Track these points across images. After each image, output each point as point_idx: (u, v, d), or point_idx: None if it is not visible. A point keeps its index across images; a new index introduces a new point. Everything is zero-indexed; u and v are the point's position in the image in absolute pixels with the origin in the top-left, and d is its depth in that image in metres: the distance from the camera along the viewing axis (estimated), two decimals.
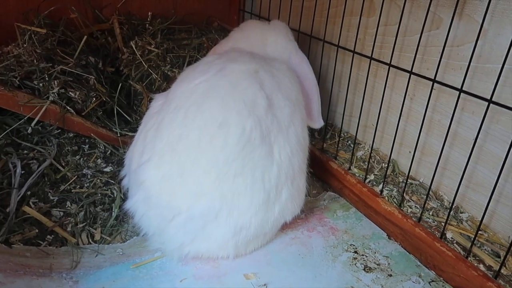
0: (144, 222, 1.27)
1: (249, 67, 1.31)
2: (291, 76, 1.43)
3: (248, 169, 1.18)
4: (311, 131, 1.96)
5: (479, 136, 1.20)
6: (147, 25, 2.08)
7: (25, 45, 1.63)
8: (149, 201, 1.22)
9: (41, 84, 1.56)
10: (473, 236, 1.26)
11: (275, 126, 1.25)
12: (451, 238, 1.34)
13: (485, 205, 1.19)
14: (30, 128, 1.54)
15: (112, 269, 1.22)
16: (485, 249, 1.30)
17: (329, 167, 1.70)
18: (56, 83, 1.57)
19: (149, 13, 2.12)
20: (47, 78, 1.57)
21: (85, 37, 1.78)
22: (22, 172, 1.41)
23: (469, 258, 1.25)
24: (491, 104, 1.14)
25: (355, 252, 1.37)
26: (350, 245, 1.40)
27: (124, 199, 1.42)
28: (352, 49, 1.60)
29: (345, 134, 1.94)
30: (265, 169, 1.21)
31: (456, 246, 1.31)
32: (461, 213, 1.44)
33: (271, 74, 1.33)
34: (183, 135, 1.19)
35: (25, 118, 1.53)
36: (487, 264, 1.24)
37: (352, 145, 1.83)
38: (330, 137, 1.92)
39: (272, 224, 1.29)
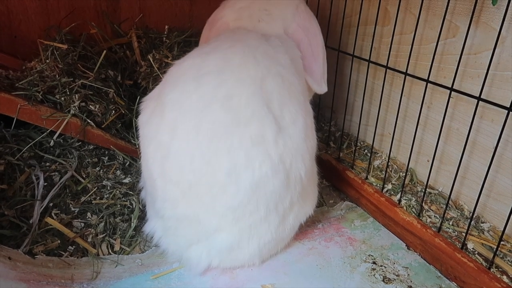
0: (162, 244, 1.30)
1: (255, 75, 1.18)
2: (297, 61, 1.35)
3: (262, 205, 1.17)
4: (327, 139, 1.96)
5: (499, 145, 1.18)
6: (164, 38, 2.12)
7: (47, 61, 1.68)
8: (167, 230, 1.25)
9: (62, 98, 1.61)
10: (495, 247, 1.23)
11: (289, 148, 1.18)
12: (473, 248, 1.31)
13: (507, 214, 1.17)
14: (52, 141, 1.59)
15: (131, 279, 1.24)
16: (508, 260, 1.27)
17: (345, 176, 1.70)
18: (77, 97, 1.61)
19: (166, 27, 2.16)
20: (68, 92, 1.61)
21: (105, 51, 1.82)
22: (45, 184, 1.45)
23: (491, 269, 1.23)
24: (511, 112, 1.13)
25: (374, 262, 1.36)
26: (369, 255, 1.39)
27: (143, 209, 1.45)
28: (368, 58, 1.60)
29: (362, 143, 1.93)
30: (279, 200, 1.19)
31: (478, 257, 1.29)
32: (482, 223, 1.41)
33: (281, 78, 1.22)
34: (192, 183, 1.15)
35: (47, 132, 1.58)
36: (511, 276, 1.21)
37: (368, 154, 1.82)
38: (346, 146, 1.92)
39: (290, 231, 1.32)
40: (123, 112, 1.74)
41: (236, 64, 1.20)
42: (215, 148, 1.13)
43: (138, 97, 1.85)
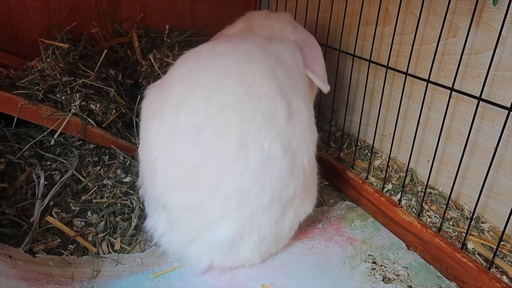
0: (164, 242, 1.28)
1: (267, 62, 1.22)
2: (298, 61, 1.39)
3: (267, 190, 1.15)
4: (327, 139, 1.96)
5: (499, 145, 1.18)
6: (165, 37, 2.12)
7: (48, 60, 1.68)
8: (170, 223, 1.23)
9: (63, 97, 1.61)
10: (495, 247, 1.23)
11: (296, 132, 1.20)
12: (473, 248, 1.31)
13: (507, 214, 1.17)
14: (53, 140, 1.59)
15: (131, 278, 1.24)
16: (508, 260, 1.27)
17: (346, 176, 1.70)
18: (77, 96, 1.61)
19: (167, 26, 2.17)
20: (69, 91, 1.62)
21: (105, 50, 1.82)
22: (45, 183, 1.45)
23: (491, 270, 1.23)
24: (511, 112, 1.13)
25: (374, 262, 1.36)
26: (369, 255, 1.39)
27: (143, 209, 1.45)
28: (368, 58, 1.61)
29: (362, 143, 1.93)
30: (283, 187, 1.19)
31: (478, 257, 1.29)
32: (482, 223, 1.41)
33: (288, 74, 1.26)
34: (198, 163, 1.12)
35: (48, 130, 1.58)
36: (511, 276, 1.21)
37: (369, 154, 1.82)
38: (346, 146, 1.92)
39: (289, 228, 1.32)
40: (124, 111, 1.75)
41: (247, 50, 1.24)
42: (225, 119, 1.11)
43: (139, 97, 1.85)
